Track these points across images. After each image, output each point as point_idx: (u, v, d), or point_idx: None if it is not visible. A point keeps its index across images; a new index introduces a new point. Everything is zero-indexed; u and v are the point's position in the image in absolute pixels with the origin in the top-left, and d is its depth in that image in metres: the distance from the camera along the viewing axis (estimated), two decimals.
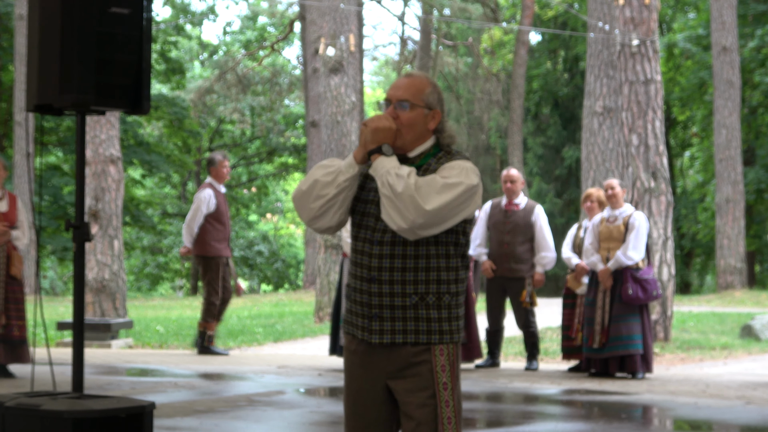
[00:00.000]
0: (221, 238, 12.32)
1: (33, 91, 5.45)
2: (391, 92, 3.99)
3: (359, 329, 3.93)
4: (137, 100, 5.48)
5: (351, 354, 3.98)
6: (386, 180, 3.79)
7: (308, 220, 3.91)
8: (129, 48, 5.45)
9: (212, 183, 12.40)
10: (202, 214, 12.24)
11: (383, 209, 3.80)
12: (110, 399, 5.34)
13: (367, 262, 3.88)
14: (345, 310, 4.02)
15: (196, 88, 39.42)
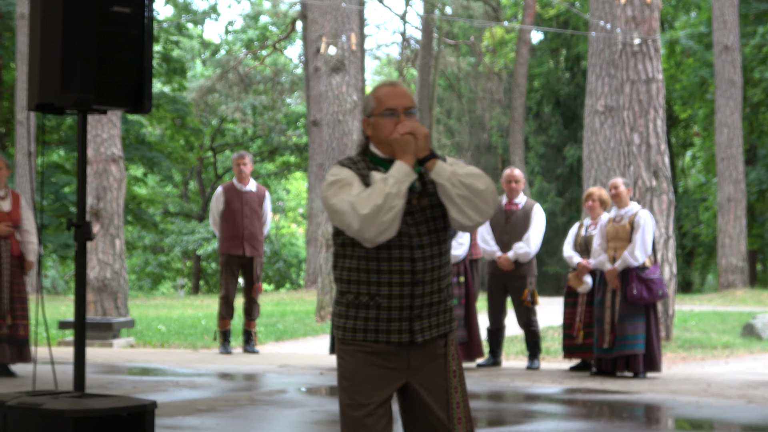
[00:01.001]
0: (230, 236, 12.39)
1: (34, 90, 5.45)
2: (397, 102, 4.05)
3: (395, 333, 3.99)
4: (138, 99, 5.48)
5: (368, 355, 4.01)
6: (459, 181, 3.93)
7: (376, 234, 3.89)
8: (130, 47, 5.46)
9: (232, 181, 12.64)
10: (214, 212, 12.56)
11: (456, 209, 3.94)
12: (112, 398, 5.34)
13: (409, 267, 3.97)
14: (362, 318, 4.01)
15: (197, 88, 39.43)
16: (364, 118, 4.15)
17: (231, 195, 12.46)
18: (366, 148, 4.13)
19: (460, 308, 10.94)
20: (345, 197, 3.91)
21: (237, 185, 12.54)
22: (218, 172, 46.36)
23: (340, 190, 3.95)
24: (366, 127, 4.13)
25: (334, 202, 3.93)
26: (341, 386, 4.06)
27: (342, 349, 4.06)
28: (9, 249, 9.79)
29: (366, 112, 4.13)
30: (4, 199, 9.89)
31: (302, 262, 43.98)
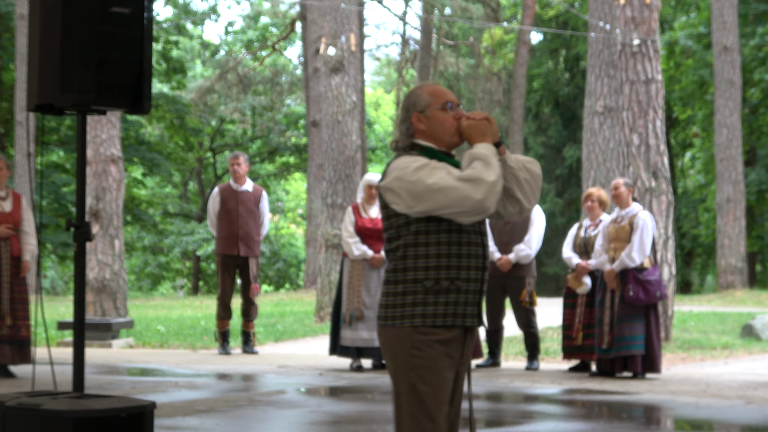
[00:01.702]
0: (226, 236, 12.44)
1: (34, 91, 5.45)
2: (451, 96, 4.28)
3: (469, 317, 4.13)
4: (138, 99, 5.49)
5: (441, 344, 4.07)
6: (523, 165, 4.23)
7: (493, 203, 4.05)
8: (130, 47, 5.46)
9: (229, 182, 12.70)
10: (210, 213, 12.66)
11: (522, 192, 4.21)
12: (111, 399, 5.34)
13: (481, 251, 4.16)
14: (442, 303, 4.08)
15: (197, 88, 39.42)
16: (414, 114, 4.23)
17: (227, 195, 12.50)
18: (412, 143, 4.23)
19: None
20: (446, 176, 4.03)
21: (233, 185, 12.57)
22: (218, 172, 46.35)
23: (433, 171, 4.05)
24: (417, 122, 4.23)
25: (433, 181, 4.01)
26: (418, 392, 4.04)
27: (420, 340, 4.05)
28: (9, 250, 9.79)
29: (417, 108, 4.23)
30: (4, 200, 9.90)
31: (301, 263, 43.98)
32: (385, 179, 4.14)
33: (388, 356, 4.12)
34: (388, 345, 4.11)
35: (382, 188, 4.14)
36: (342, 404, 8.72)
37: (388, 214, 4.16)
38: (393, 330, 4.09)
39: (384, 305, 4.14)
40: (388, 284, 4.14)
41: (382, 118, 51.21)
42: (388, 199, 4.13)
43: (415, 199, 4.04)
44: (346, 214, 11.12)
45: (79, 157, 5.50)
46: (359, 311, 10.83)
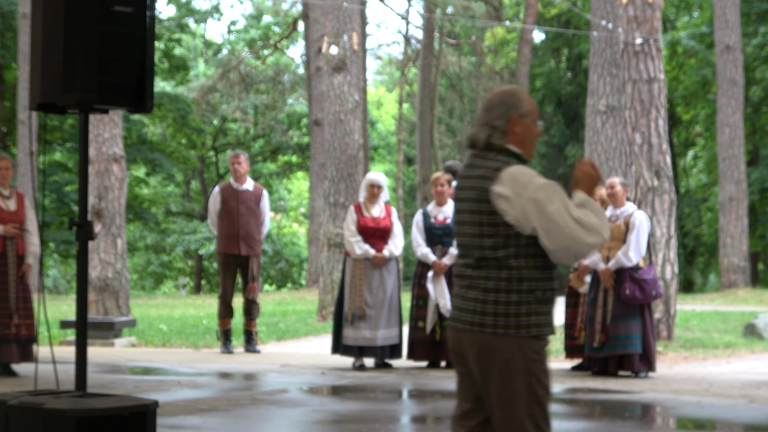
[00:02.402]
0: (226, 235, 12.44)
1: (36, 90, 5.45)
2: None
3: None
4: (140, 98, 5.49)
5: (546, 352, 4.24)
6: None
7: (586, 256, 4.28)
8: (132, 46, 5.46)
9: (229, 181, 12.69)
10: (211, 212, 12.64)
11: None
12: (113, 397, 5.34)
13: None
14: (548, 313, 4.24)
15: (199, 87, 39.42)
16: (515, 116, 4.24)
17: (227, 194, 12.50)
18: (504, 146, 4.26)
19: None
20: (563, 209, 4.11)
21: (233, 184, 12.58)
22: (220, 171, 46.34)
23: (553, 196, 4.12)
24: (515, 124, 4.25)
25: (552, 210, 4.10)
26: (538, 396, 4.14)
27: (539, 345, 4.17)
28: (15, 249, 9.82)
29: (520, 111, 4.25)
30: (9, 199, 9.92)
31: (304, 262, 43.99)
32: (502, 185, 4.13)
33: (501, 363, 4.12)
34: (504, 353, 4.13)
35: (497, 195, 4.13)
36: (344, 403, 8.71)
37: (496, 221, 4.16)
38: (511, 339, 4.13)
39: (494, 313, 4.14)
40: (499, 293, 4.15)
41: (384, 117, 51.20)
42: (500, 207, 4.14)
43: (528, 220, 4.11)
44: (348, 213, 11.11)
45: (82, 156, 5.50)
46: (361, 310, 10.83)
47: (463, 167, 4.38)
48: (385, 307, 10.92)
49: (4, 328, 9.73)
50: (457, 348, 4.28)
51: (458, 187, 4.36)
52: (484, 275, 4.18)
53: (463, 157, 43.62)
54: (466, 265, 4.26)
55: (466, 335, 4.20)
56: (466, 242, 4.26)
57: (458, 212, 4.34)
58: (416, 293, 11.05)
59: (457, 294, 4.31)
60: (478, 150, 4.28)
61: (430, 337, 10.93)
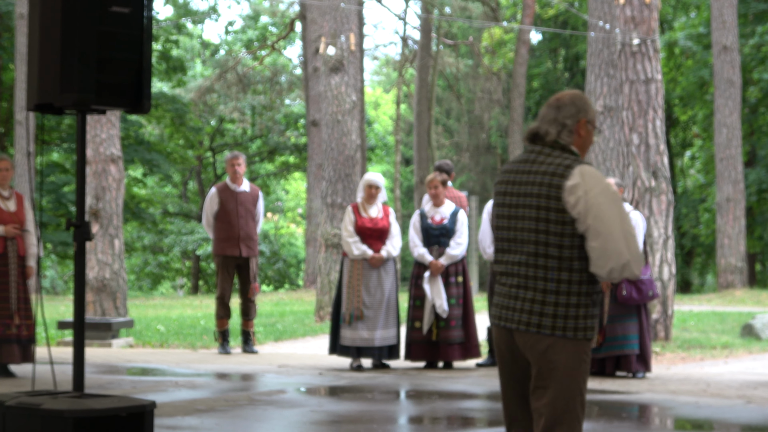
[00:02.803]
0: (226, 237, 12.41)
1: (34, 90, 5.45)
2: None
3: None
4: (138, 99, 5.49)
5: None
6: None
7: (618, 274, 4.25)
8: (130, 47, 5.46)
9: (226, 182, 12.67)
10: (207, 213, 12.60)
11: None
12: (111, 398, 5.34)
13: None
14: (594, 317, 4.26)
15: (196, 87, 39.41)
16: (584, 119, 4.33)
17: (225, 195, 12.47)
18: (569, 145, 4.31)
19: (458, 308, 10.95)
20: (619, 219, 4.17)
21: (231, 186, 12.54)
22: (217, 172, 46.33)
23: (617, 203, 4.18)
24: (582, 127, 4.33)
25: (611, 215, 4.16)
26: (584, 397, 4.23)
27: (589, 347, 4.25)
28: (16, 250, 9.83)
29: (587, 116, 4.34)
30: (8, 200, 9.93)
31: (301, 263, 43.97)
32: (573, 180, 4.14)
33: (559, 364, 4.16)
34: (563, 354, 4.16)
35: (569, 188, 4.13)
36: (342, 404, 8.71)
37: (564, 219, 4.16)
38: (568, 341, 4.17)
39: (553, 315, 4.16)
40: (559, 294, 4.16)
41: (381, 118, 51.20)
42: (569, 201, 4.14)
43: (585, 217, 4.12)
44: (346, 214, 11.12)
45: (79, 157, 5.50)
46: (359, 311, 10.84)
47: (518, 162, 4.35)
48: (383, 308, 10.93)
49: (5, 329, 9.73)
50: (506, 346, 4.29)
51: (510, 181, 4.32)
52: (543, 275, 4.17)
53: (459, 157, 43.64)
54: (517, 262, 4.24)
55: (520, 335, 4.20)
56: (518, 237, 4.24)
57: (507, 206, 4.31)
58: (413, 294, 11.06)
59: (503, 292, 4.29)
60: (542, 145, 4.30)
61: (427, 338, 10.93)
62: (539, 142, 4.33)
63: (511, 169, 4.34)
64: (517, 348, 4.23)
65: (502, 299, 4.28)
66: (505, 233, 4.30)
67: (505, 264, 4.29)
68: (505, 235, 4.31)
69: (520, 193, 4.24)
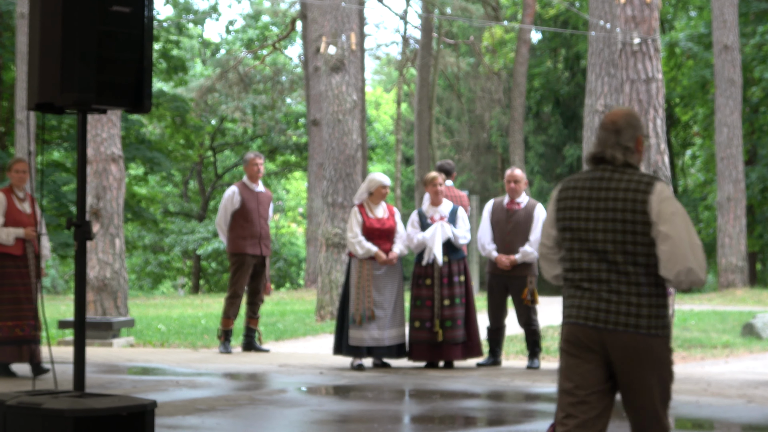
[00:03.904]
0: (247, 236, 12.39)
1: (34, 90, 5.45)
2: None
3: None
4: (138, 98, 5.49)
5: None
6: None
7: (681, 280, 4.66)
8: (130, 46, 5.46)
9: (244, 181, 12.64)
10: (227, 211, 12.49)
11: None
12: (112, 398, 5.34)
13: None
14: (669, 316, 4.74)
15: (198, 87, 39.41)
16: (641, 136, 4.77)
17: (247, 195, 12.46)
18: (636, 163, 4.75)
19: (461, 307, 10.95)
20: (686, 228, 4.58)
21: (250, 185, 12.53)
22: (218, 171, 46.33)
23: (686, 217, 4.62)
24: (640, 144, 4.77)
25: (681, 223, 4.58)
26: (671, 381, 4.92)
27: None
28: (33, 251, 9.86)
29: (641, 132, 4.78)
30: (24, 201, 9.94)
31: (302, 262, 43.99)
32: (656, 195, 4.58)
33: (656, 360, 4.70)
34: (658, 351, 4.68)
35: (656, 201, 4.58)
36: (343, 403, 8.71)
37: (648, 230, 4.59)
38: (660, 339, 4.68)
39: (648, 315, 4.61)
40: (651, 296, 4.61)
41: (382, 117, 51.20)
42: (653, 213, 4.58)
43: (658, 223, 4.57)
44: (353, 215, 11.09)
45: (80, 156, 5.50)
46: (370, 311, 10.84)
47: (588, 179, 4.75)
48: (392, 307, 10.95)
49: (31, 330, 9.71)
50: (588, 344, 4.65)
51: (585, 197, 4.72)
52: (635, 280, 4.60)
53: (460, 156, 43.64)
54: (606, 269, 4.64)
55: (614, 335, 4.60)
56: (601, 247, 4.64)
57: (585, 220, 4.70)
58: (414, 293, 11.06)
59: (591, 296, 4.66)
60: (614, 165, 4.72)
61: (429, 338, 10.93)
62: (606, 164, 4.75)
63: (583, 186, 4.75)
64: (599, 347, 4.64)
65: (589, 302, 4.66)
66: (585, 244, 4.69)
67: (588, 271, 4.68)
68: (584, 246, 4.70)
69: (599, 208, 4.67)
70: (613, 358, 4.64)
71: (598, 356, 4.66)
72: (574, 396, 4.68)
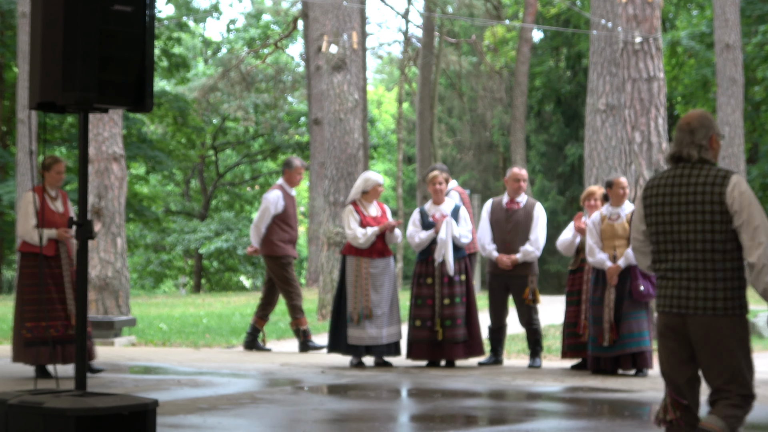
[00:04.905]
0: (287, 240, 12.41)
1: (36, 89, 5.46)
2: None
3: None
4: (140, 97, 5.49)
5: None
6: None
7: None
8: (132, 46, 5.47)
9: (283, 185, 12.55)
10: (270, 215, 12.39)
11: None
12: (113, 397, 5.34)
13: None
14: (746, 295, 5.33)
15: (200, 86, 39.41)
16: (714, 135, 5.30)
17: (288, 200, 12.46)
18: (711, 159, 5.28)
19: (462, 306, 10.95)
20: (762, 216, 5.16)
21: (288, 189, 12.51)
22: (219, 170, 46.33)
23: (761, 207, 5.19)
24: (714, 142, 5.31)
25: (759, 211, 5.15)
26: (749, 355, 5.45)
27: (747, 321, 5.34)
28: (67, 251, 9.82)
29: (715, 130, 5.29)
30: (56, 200, 9.90)
31: (303, 261, 43.98)
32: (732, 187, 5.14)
33: (733, 337, 5.27)
34: (734, 329, 5.28)
35: (734, 193, 5.13)
36: (344, 402, 8.72)
37: (726, 219, 5.16)
38: (737, 318, 5.28)
39: (724, 298, 5.21)
40: (726, 281, 5.20)
41: (384, 116, 51.18)
42: (731, 203, 5.13)
43: (740, 213, 5.13)
44: (349, 213, 11.10)
45: (81, 156, 5.50)
46: (368, 309, 10.86)
47: (668, 177, 5.31)
48: (388, 305, 10.98)
49: (65, 330, 9.69)
50: (674, 331, 5.29)
51: (668, 193, 5.27)
52: (711, 267, 5.18)
53: (462, 155, 43.62)
54: (686, 259, 5.21)
55: (696, 318, 5.20)
56: (684, 238, 5.20)
57: (668, 214, 5.25)
58: (415, 292, 11.06)
59: (674, 285, 5.25)
60: (691, 163, 5.26)
61: (430, 337, 10.93)
62: (685, 162, 5.30)
63: (666, 183, 5.31)
64: (686, 332, 5.24)
65: (673, 290, 5.26)
66: (669, 236, 5.26)
67: (672, 261, 5.26)
68: (669, 238, 5.26)
69: (681, 202, 5.22)
70: (694, 339, 5.22)
71: (681, 341, 5.27)
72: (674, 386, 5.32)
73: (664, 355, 5.38)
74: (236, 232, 39.40)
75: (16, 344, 9.75)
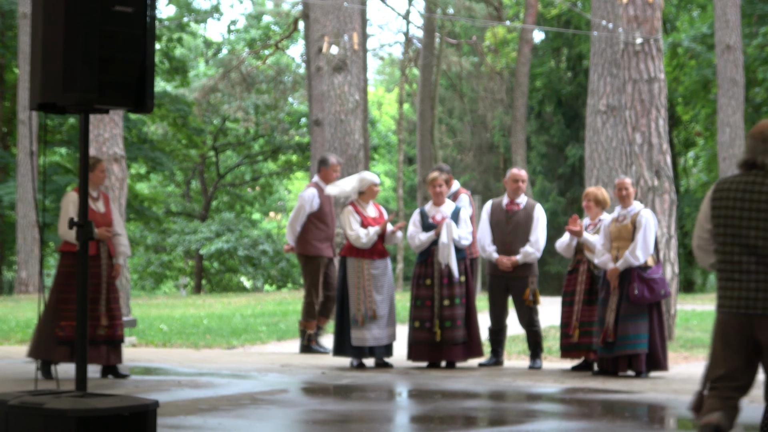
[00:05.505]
0: (323, 238, 12.35)
1: (36, 90, 5.46)
2: None
3: None
4: (141, 98, 5.49)
5: None
6: None
7: None
8: (132, 46, 5.47)
9: (318, 183, 12.48)
10: (306, 213, 12.33)
11: None
12: (114, 397, 5.35)
13: None
14: None
15: (200, 87, 39.42)
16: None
17: (324, 198, 12.39)
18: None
19: (462, 307, 10.95)
20: None
21: (323, 186, 12.42)
22: (220, 171, 46.33)
23: None
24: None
25: None
26: None
27: None
28: (107, 251, 9.82)
29: None
30: (98, 200, 9.90)
31: None
32: None
33: None
34: None
35: None
36: (344, 403, 8.72)
37: None
38: None
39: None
40: None
41: (384, 117, 51.19)
42: None
43: None
44: (349, 214, 11.10)
45: (82, 156, 5.50)
46: (372, 311, 10.86)
47: (740, 182, 5.42)
48: (388, 306, 11.00)
49: (94, 330, 9.68)
50: (737, 331, 5.42)
51: (739, 198, 5.39)
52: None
53: (462, 156, 43.63)
54: (756, 262, 5.34)
55: (760, 319, 5.33)
56: (752, 242, 5.34)
57: (738, 218, 5.37)
58: (414, 293, 11.06)
59: (738, 286, 5.41)
60: (765, 172, 5.39)
61: (430, 338, 10.93)
62: (758, 169, 5.41)
63: (737, 188, 5.42)
64: (751, 333, 5.36)
65: (741, 292, 5.40)
66: (737, 239, 5.38)
67: (740, 264, 5.39)
68: (737, 241, 5.38)
69: (752, 208, 5.35)
70: (761, 339, 5.33)
71: (745, 341, 5.40)
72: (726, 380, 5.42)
73: (723, 356, 5.50)
74: (237, 233, 39.41)
75: (44, 340, 9.70)
